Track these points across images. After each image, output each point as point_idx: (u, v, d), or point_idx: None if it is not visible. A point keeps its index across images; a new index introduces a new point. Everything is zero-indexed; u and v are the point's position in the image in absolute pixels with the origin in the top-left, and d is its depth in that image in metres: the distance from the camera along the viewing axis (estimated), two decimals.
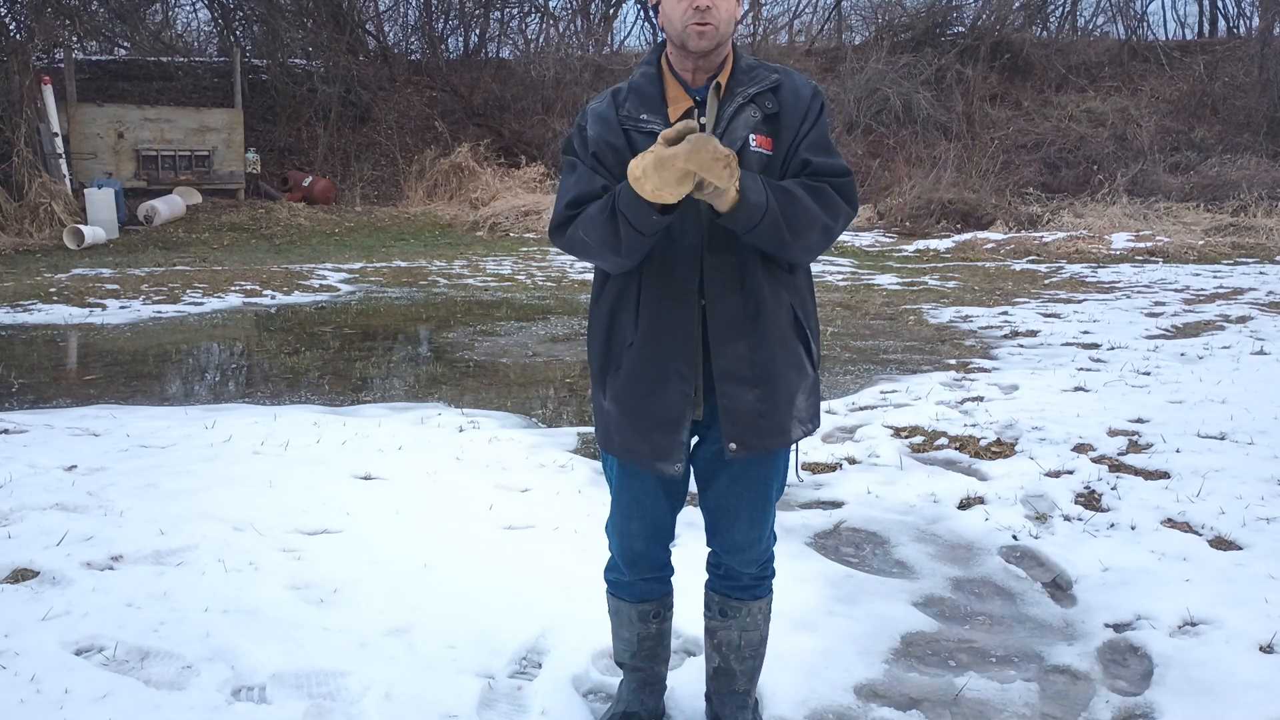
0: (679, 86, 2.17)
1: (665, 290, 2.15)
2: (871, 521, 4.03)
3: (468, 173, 18.96)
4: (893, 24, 22.52)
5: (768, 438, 2.21)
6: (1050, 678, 2.88)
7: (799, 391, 2.25)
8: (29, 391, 6.30)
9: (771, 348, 2.18)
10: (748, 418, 2.17)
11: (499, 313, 9.54)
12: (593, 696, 2.73)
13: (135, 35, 20.40)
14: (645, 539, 2.38)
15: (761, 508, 2.33)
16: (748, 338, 2.16)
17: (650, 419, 2.20)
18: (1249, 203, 15.94)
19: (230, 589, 3.26)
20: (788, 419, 2.23)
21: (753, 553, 2.37)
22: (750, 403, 2.17)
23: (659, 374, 2.17)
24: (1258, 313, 9.11)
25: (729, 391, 2.16)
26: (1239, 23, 24.49)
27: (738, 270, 2.14)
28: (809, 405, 2.29)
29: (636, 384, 2.20)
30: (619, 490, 2.37)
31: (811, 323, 2.29)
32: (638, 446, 2.23)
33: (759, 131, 2.14)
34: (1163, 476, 4.46)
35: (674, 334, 2.16)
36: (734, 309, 2.15)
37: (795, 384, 2.23)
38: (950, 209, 16.80)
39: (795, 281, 2.25)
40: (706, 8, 2.05)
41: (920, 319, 9.10)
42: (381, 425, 5.32)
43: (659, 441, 2.20)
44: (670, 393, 2.17)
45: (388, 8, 24.15)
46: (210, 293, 10.36)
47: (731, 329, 2.15)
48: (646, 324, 2.17)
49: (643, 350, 2.18)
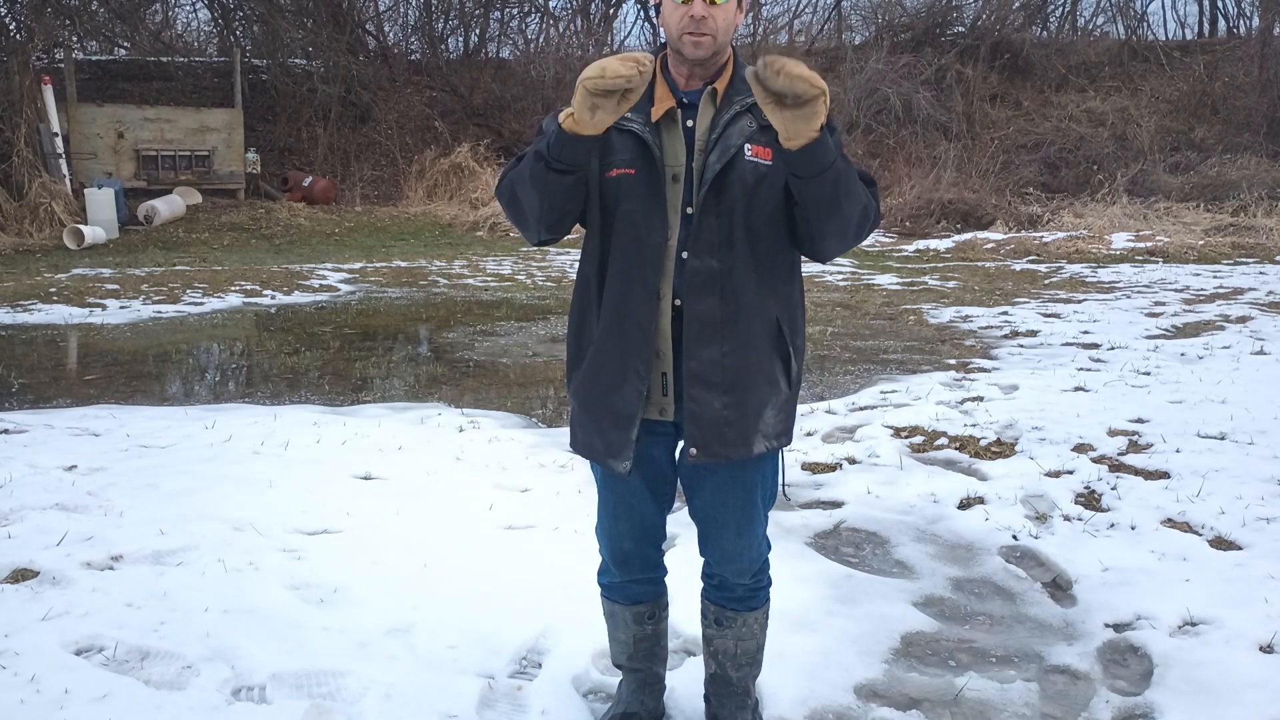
0: (667, 87, 2.14)
1: (628, 288, 2.14)
2: (871, 521, 4.03)
3: (468, 173, 18.96)
4: (893, 24, 22.51)
5: (729, 446, 2.17)
6: (1050, 678, 2.88)
7: (768, 405, 2.19)
8: (29, 391, 6.30)
9: (745, 355, 2.14)
10: (712, 424, 2.15)
11: (499, 313, 9.54)
12: (593, 696, 2.73)
13: (135, 35, 20.39)
14: (634, 539, 2.37)
15: (748, 516, 2.30)
16: (722, 343, 2.13)
17: (607, 415, 2.20)
18: (1249, 203, 15.94)
19: (230, 589, 3.26)
20: (752, 431, 2.18)
21: (743, 562, 2.34)
22: (716, 409, 2.14)
23: (617, 371, 2.16)
24: (1258, 313, 9.11)
25: (696, 395, 2.14)
26: (1239, 23, 24.51)
27: (720, 274, 2.11)
28: (778, 421, 2.23)
29: (595, 380, 2.21)
30: (604, 491, 2.36)
31: (797, 340, 2.24)
32: (593, 442, 2.25)
33: (755, 141, 2.09)
34: (1163, 476, 4.45)
35: (635, 332, 2.14)
36: (710, 312, 2.12)
37: (765, 396, 2.18)
38: (950, 209, 16.81)
39: (789, 294, 2.21)
40: (702, 18, 2.03)
41: (920, 319, 9.10)
42: (381, 425, 5.32)
43: (612, 438, 2.20)
44: (626, 390, 2.17)
45: (388, 8, 24.17)
46: (210, 293, 10.36)
47: (706, 332, 2.12)
48: (608, 320, 2.17)
49: (602, 346, 2.19)
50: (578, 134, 1.98)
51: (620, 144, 2.13)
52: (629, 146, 2.12)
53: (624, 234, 2.14)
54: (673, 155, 2.14)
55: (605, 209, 2.16)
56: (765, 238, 2.14)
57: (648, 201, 2.12)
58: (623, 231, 2.14)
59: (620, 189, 2.13)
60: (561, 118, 2.00)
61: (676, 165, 2.14)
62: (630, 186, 2.12)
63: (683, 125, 2.14)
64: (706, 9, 2.02)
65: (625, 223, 2.14)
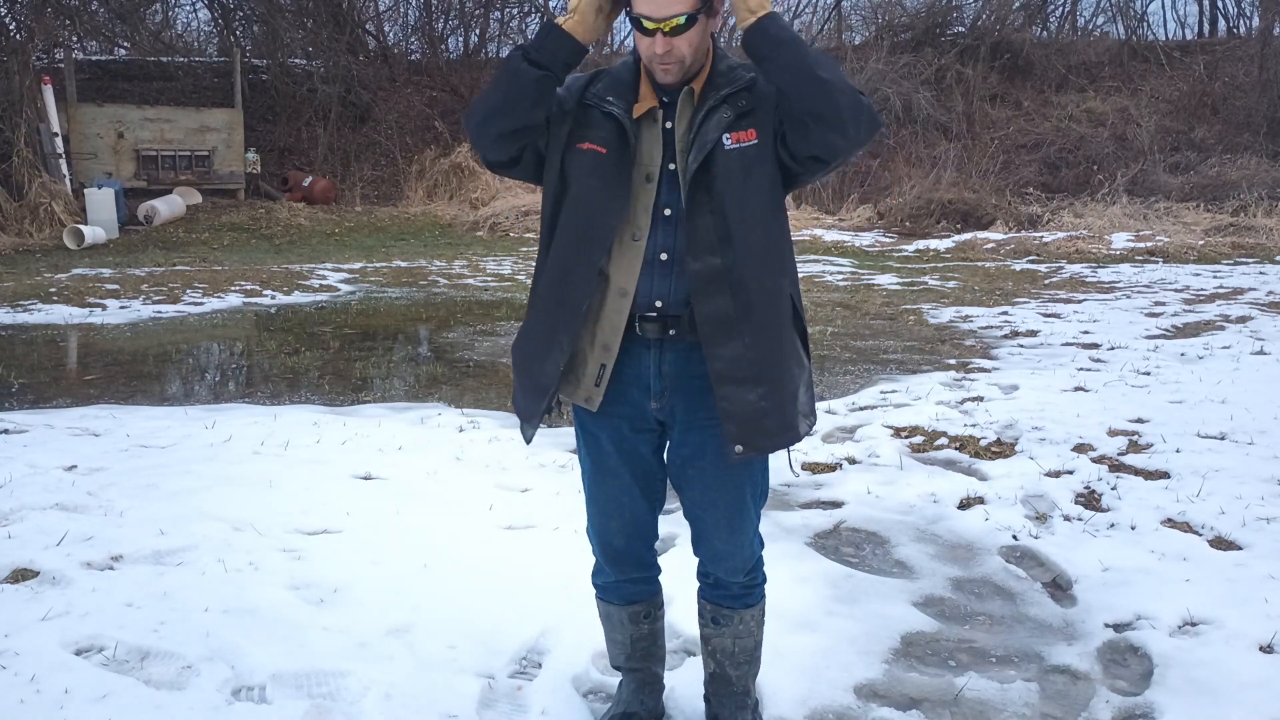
0: (650, 86, 2.15)
1: (572, 265, 2.17)
2: (871, 521, 4.03)
3: (468, 173, 18.96)
4: (893, 24, 22.52)
5: (773, 436, 2.16)
6: (1050, 678, 2.88)
7: (800, 385, 2.21)
8: (29, 391, 6.30)
9: (768, 343, 2.13)
10: (750, 417, 2.13)
11: (499, 313, 9.54)
12: (593, 696, 2.73)
13: (135, 35, 20.38)
14: (624, 536, 2.37)
15: (739, 515, 2.28)
16: (741, 336, 2.11)
17: (528, 380, 2.29)
18: (1249, 203, 15.93)
19: (230, 589, 3.26)
20: (792, 414, 2.18)
21: (735, 560, 2.33)
22: (752, 402, 2.12)
23: (544, 342, 2.23)
24: (1258, 313, 9.11)
25: (727, 393, 2.12)
26: (1239, 23, 24.52)
27: (724, 270, 2.10)
28: (808, 399, 2.26)
29: (523, 346, 2.32)
30: (592, 489, 2.37)
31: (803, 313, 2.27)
32: (519, 403, 2.34)
33: (735, 128, 2.09)
34: (1163, 476, 4.45)
35: (569, 309, 2.17)
36: (721, 310, 2.10)
37: (796, 377, 2.19)
38: (950, 209, 16.80)
39: (792, 269, 2.22)
40: (667, 50, 2.04)
41: (920, 319, 9.10)
42: (381, 425, 5.32)
43: (525, 405, 2.30)
44: (548, 363, 2.22)
45: (388, 8, 24.19)
46: (210, 293, 10.36)
47: (721, 331, 2.11)
48: (544, 291, 2.23)
49: (535, 314, 2.26)
50: (571, 35, 2.06)
51: (599, 122, 2.14)
52: (607, 128, 2.13)
53: (577, 210, 2.15)
54: (648, 154, 2.14)
55: (564, 178, 2.17)
56: (764, 221, 2.13)
57: (611, 186, 2.11)
58: (576, 208, 2.15)
59: (585, 163, 2.14)
60: (561, 19, 2.09)
61: (651, 165, 2.14)
62: (597, 164, 2.13)
63: (662, 126, 2.14)
64: (667, 42, 2.03)
65: (581, 198, 2.15)
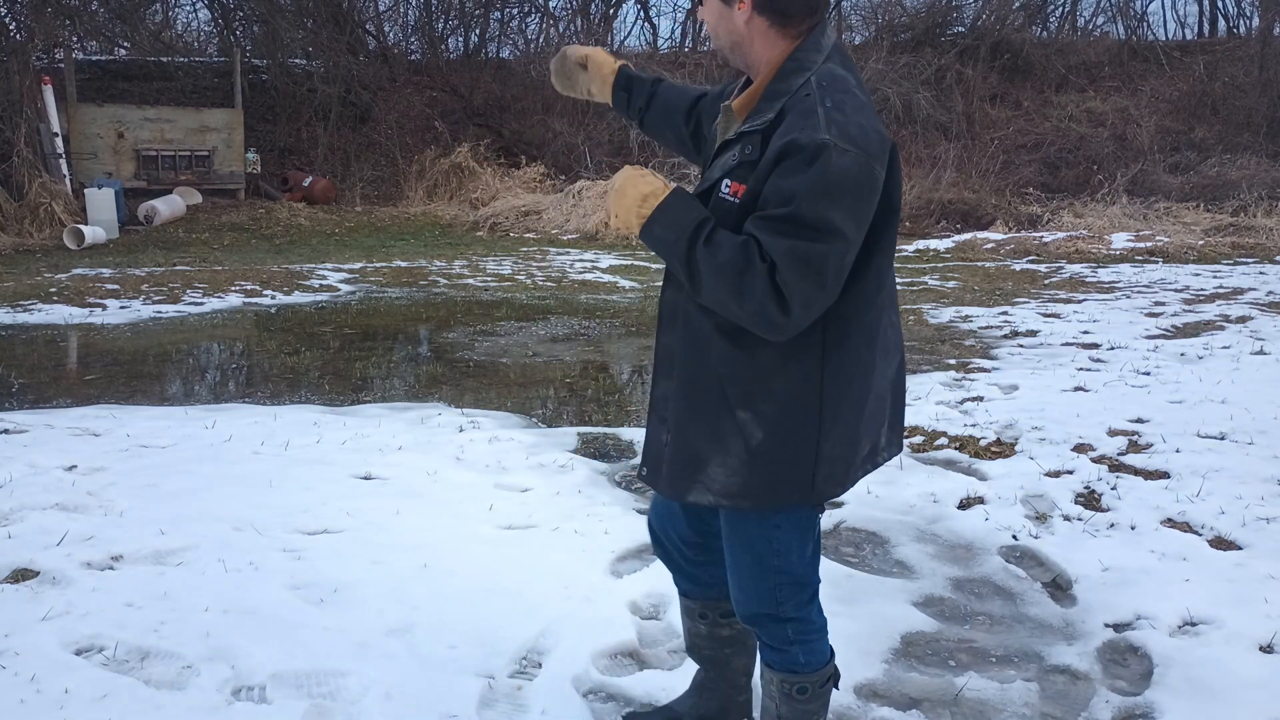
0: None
1: None
2: (871, 521, 4.03)
3: (468, 173, 18.95)
4: (893, 24, 22.50)
5: (663, 482, 2.10)
6: (1050, 678, 2.88)
7: (711, 462, 1.98)
8: (29, 391, 6.30)
9: (685, 401, 2.02)
10: (654, 454, 2.13)
11: (499, 313, 9.53)
12: (593, 696, 2.73)
13: (135, 35, 20.35)
14: (657, 515, 2.38)
15: (746, 571, 2.10)
16: (669, 380, 2.07)
17: None
18: (1249, 203, 15.92)
19: (230, 589, 3.26)
20: (689, 479, 2.02)
21: (739, 606, 2.17)
22: (661, 442, 2.10)
23: None
24: (1258, 313, 9.11)
25: (651, 421, 2.14)
26: (1239, 23, 24.50)
27: (678, 306, 2.03)
28: (733, 482, 1.97)
29: None
30: None
31: (758, 406, 1.92)
32: None
33: (734, 176, 1.89)
34: (1163, 476, 4.46)
35: None
36: (669, 345, 2.08)
37: (707, 451, 1.98)
38: (950, 209, 16.80)
39: (755, 355, 1.90)
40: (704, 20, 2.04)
41: (920, 319, 9.10)
42: (381, 425, 5.31)
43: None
44: None
45: (388, 8, 24.15)
46: (210, 293, 10.36)
47: (663, 365, 2.10)
48: None
49: None
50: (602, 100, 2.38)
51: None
52: None
53: None
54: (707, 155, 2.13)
55: None
56: None
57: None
58: None
59: None
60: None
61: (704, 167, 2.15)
62: None
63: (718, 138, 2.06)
64: (701, 10, 2.05)
65: None
